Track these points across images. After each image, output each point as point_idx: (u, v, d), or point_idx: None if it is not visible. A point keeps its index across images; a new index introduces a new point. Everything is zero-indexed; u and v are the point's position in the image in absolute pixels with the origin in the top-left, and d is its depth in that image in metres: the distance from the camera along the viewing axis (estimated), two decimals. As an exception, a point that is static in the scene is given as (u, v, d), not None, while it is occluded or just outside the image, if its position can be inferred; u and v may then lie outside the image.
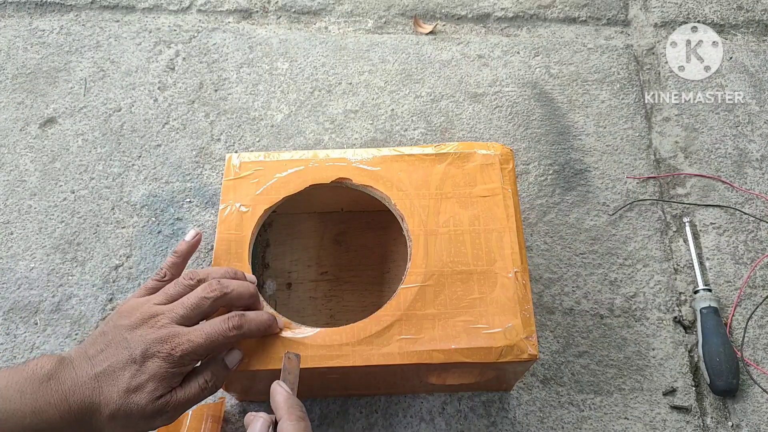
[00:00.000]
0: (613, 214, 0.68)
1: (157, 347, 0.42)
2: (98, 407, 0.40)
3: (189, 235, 0.50)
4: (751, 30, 0.81)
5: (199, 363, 0.45)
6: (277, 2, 0.83)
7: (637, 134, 0.73)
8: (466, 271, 0.50)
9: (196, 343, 0.42)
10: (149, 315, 0.44)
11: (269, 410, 0.58)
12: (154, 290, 0.47)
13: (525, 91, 0.76)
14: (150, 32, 0.81)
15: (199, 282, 0.46)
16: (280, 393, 0.42)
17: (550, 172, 0.71)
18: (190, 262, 0.65)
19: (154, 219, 0.68)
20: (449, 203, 0.53)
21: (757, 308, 0.63)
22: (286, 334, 0.47)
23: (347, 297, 0.62)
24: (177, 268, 0.49)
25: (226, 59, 0.79)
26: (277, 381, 0.42)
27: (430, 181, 0.54)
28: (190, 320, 0.44)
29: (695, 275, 0.64)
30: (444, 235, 0.51)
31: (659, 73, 0.78)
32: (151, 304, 0.45)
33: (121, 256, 0.66)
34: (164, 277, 0.48)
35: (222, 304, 0.45)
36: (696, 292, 0.63)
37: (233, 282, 0.46)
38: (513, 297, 0.48)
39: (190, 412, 0.55)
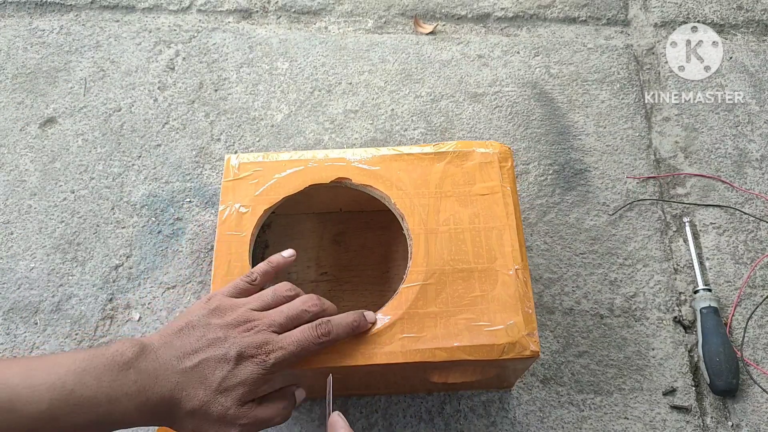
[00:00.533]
0: (613, 214, 0.68)
1: (252, 351, 0.42)
2: (179, 402, 0.40)
3: (286, 253, 0.51)
4: (751, 30, 0.81)
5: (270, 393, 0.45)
6: (276, 2, 0.83)
7: (637, 134, 0.73)
8: (467, 269, 0.50)
9: (288, 351, 0.43)
10: (246, 319, 0.44)
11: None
12: (244, 292, 0.47)
13: (525, 91, 0.76)
14: (150, 32, 0.81)
15: (297, 295, 0.47)
16: (342, 427, 0.41)
17: (550, 172, 0.71)
18: (190, 261, 0.65)
19: (154, 219, 0.68)
20: (449, 202, 0.53)
21: (757, 308, 0.63)
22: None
23: (347, 297, 0.62)
24: (267, 276, 0.49)
25: (226, 59, 0.79)
26: (336, 412, 0.42)
27: (429, 180, 0.54)
28: (284, 329, 0.44)
29: (695, 275, 0.64)
30: (444, 233, 0.51)
31: (659, 73, 0.78)
32: (248, 309, 0.45)
33: (121, 256, 0.66)
34: (255, 280, 0.48)
35: (321, 334, 0.45)
36: (696, 292, 0.63)
37: (327, 302, 0.48)
38: (514, 294, 0.48)
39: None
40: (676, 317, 0.63)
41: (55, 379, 0.38)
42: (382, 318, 0.47)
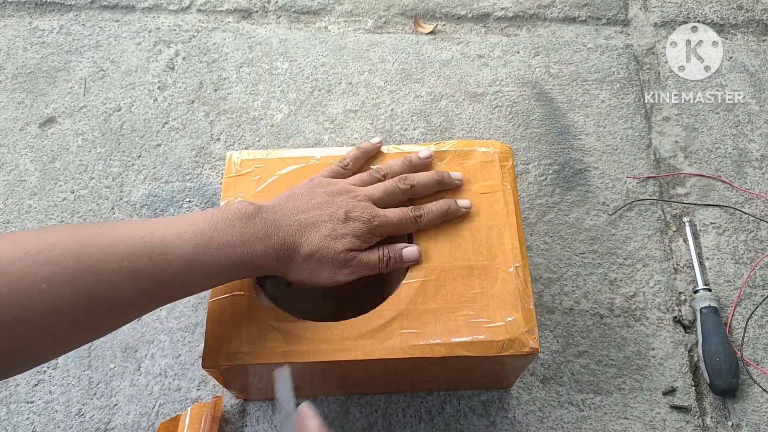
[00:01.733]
0: (612, 214, 0.68)
1: (358, 212, 0.48)
2: (299, 246, 0.46)
3: (375, 140, 0.55)
4: (751, 30, 0.81)
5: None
6: (276, 2, 0.83)
7: (637, 134, 0.73)
8: (467, 266, 0.50)
9: (389, 219, 0.49)
10: (347, 190, 0.50)
11: (267, 410, 0.58)
12: (338, 175, 0.53)
13: (525, 90, 0.76)
14: (150, 32, 0.81)
15: (385, 176, 0.53)
16: (314, 423, 0.39)
17: (550, 171, 0.71)
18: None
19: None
20: None
21: (757, 308, 0.63)
22: (286, 328, 0.47)
23: (347, 295, 0.62)
24: (358, 162, 0.54)
25: (226, 59, 0.79)
26: (305, 403, 0.42)
27: None
28: (382, 203, 0.50)
29: (695, 275, 0.64)
30: (445, 231, 0.51)
31: (659, 73, 0.78)
32: (348, 183, 0.51)
33: (120, 256, 0.66)
34: (347, 165, 0.53)
35: (410, 195, 0.52)
36: (696, 291, 0.63)
37: (418, 175, 0.53)
38: (514, 291, 0.48)
39: (189, 411, 0.55)
40: (676, 317, 0.63)
41: (195, 227, 0.43)
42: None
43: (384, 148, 0.56)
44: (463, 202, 0.52)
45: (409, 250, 0.50)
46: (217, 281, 0.45)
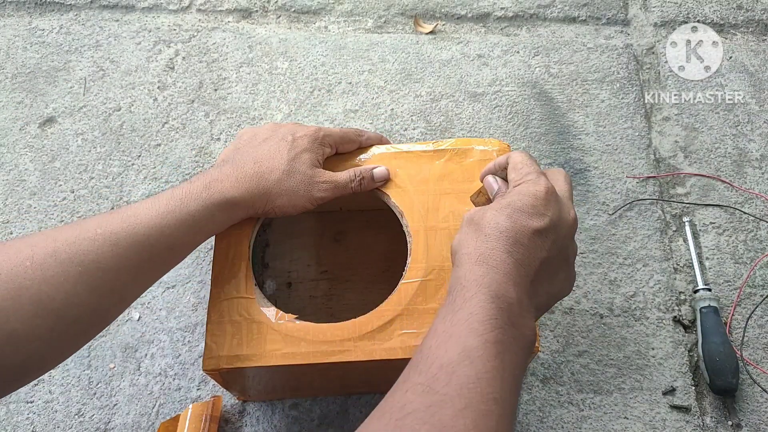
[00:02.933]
0: (612, 214, 0.68)
1: (302, 131, 0.53)
2: (263, 175, 0.49)
3: (380, 171, 0.55)
4: (750, 29, 0.81)
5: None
6: (276, 2, 0.83)
7: (637, 134, 0.73)
8: None
9: (332, 131, 0.54)
10: (295, 124, 0.55)
11: (266, 410, 0.58)
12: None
13: (525, 90, 0.76)
14: (150, 32, 0.81)
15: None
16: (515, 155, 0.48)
17: (550, 171, 0.71)
18: (189, 261, 0.65)
19: (153, 218, 0.68)
20: (448, 199, 0.53)
21: (756, 308, 0.63)
22: (286, 329, 0.47)
23: (347, 295, 0.62)
24: (335, 140, 0.56)
25: (226, 59, 0.79)
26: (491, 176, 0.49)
27: (428, 177, 0.54)
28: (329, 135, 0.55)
29: (695, 275, 0.64)
30: (443, 230, 0.51)
31: (659, 73, 0.78)
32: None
33: (120, 256, 0.66)
34: (361, 135, 0.58)
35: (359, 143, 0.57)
36: (696, 291, 0.63)
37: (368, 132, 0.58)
38: None
39: (189, 411, 0.55)
40: (675, 317, 0.63)
41: (164, 192, 0.46)
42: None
43: (383, 148, 0.56)
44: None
45: (380, 170, 0.54)
46: (196, 231, 0.47)
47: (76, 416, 0.58)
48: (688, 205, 0.69)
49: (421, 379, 0.35)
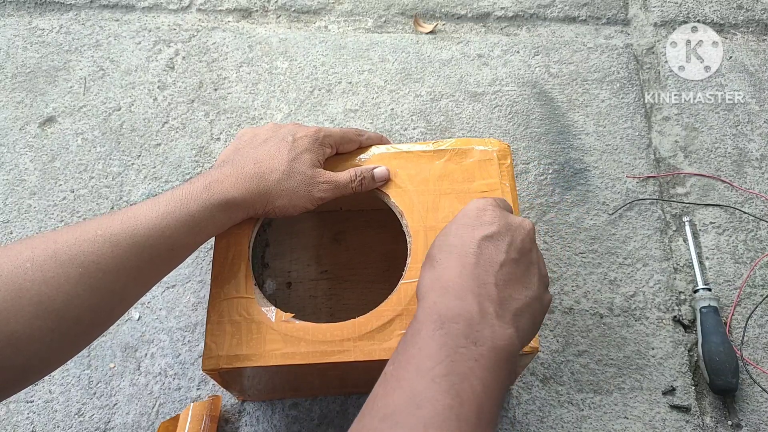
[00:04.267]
0: (612, 214, 0.68)
1: (303, 131, 0.53)
2: (263, 175, 0.49)
3: (380, 171, 0.54)
4: (750, 29, 0.81)
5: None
6: (276, 1, 0.83)
7: (637, 133, 0.73)
8: None
9: (332, 131, 0.55)
10: (295, 124, 0.55)
11: (266, 410, 0.59)
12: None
13: (525, 90, 0.76)
14: (149, 31, 0.81)
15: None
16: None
17: (550, 171, 0.71)
18: (189, 261, 0.65)
19: (153, 218, 0.68)
20: (448, 199, 0.53)
21: (756, 307, 0.63)
22: (286, 329, 0.47)
23: (347, 295, 0.62)
24: (336, 140, 0.56)
25: (226, 58, 0.79)
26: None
27: (428, 177, 0.54)
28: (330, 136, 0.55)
29: (695, 274, 0.64)
30: None
31: (659, 73, 0.78)
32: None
33: (120, 255, 0.66)
34: (362, 134, 0.58)
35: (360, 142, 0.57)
36: (696, 291, 0.63)
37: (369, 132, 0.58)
38: None
39: (190, 411, 0.55)
40: (675, 316, 0.63)
41: (164, 193, 0.46)
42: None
43: (383, 148, 0.56)
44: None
45: (380, 170, 0.54)
46: (197, 231, 0.46)
47: (76, 416, 0.58)
48: (688, 205, 0.69)
49: None
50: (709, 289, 0.63)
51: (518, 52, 0.79)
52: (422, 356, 0.34)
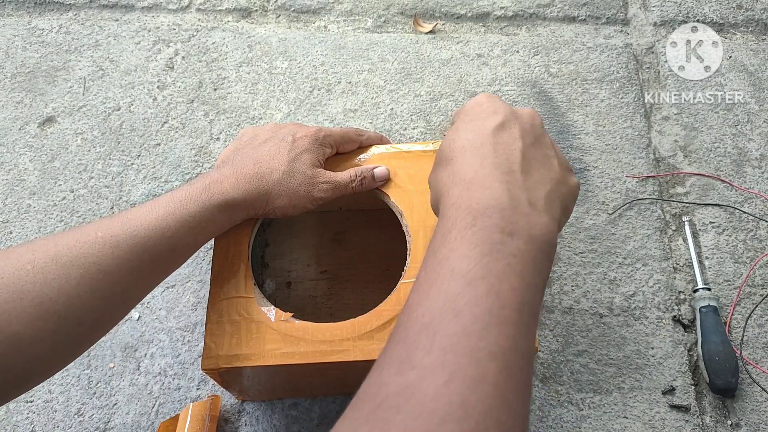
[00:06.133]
0: (612, 213, 0.68)
1: (303, 131, 0.53)
2: (264, 175, 0.49)
3: (380, 171, 0.54)
4: (750, 29, 0.81)
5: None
6: (276, 1, 0.83)
7: (637, 133, 0.73)
8: None
9: (333, 131, 0.54)
10: (296, 124, 0.55)
11: (266, 410, 0.58)
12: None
13: (524, 90, 0.76)
14: (149, 31, 0.81)
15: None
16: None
17: (550, 171, 0.71)
18: (189, 261, 0.65)
19: (153, 218, 0.68)
20: None
21: (756, 307, 0.63)
22: (285, 329, 0.47)
23: (347, 295, 0.62)
24: (336, 140, 0.55)
25: (226, 58, 0.79)
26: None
27: (428, 177, 0.54)
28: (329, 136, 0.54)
29: (694, 274, 0.64)
30: None
31: (659, 72, 0.78)
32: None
33: (120, 255, 0.66)
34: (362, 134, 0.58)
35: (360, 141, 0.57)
36: (695, 291, 0.63)
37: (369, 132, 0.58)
38: None
39: (190, 411, 0.55)
40: (675, 316, 0.63)
41: (164, 195, 0.46)
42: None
43: (383, 148, 0.56)
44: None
45: (380, 169, 0.53)
46: (197, 232, 0.47)
47: (76, 416, 0.58)
48: (687, 205, 0.69)
49: (399, 351, 0.30)
50: (709, 289, 0.63)
51: (518, 51, 0.79)
52: (455, 258, 0.31)
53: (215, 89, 0.76)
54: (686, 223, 0.67)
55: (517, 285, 0.30)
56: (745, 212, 0.68)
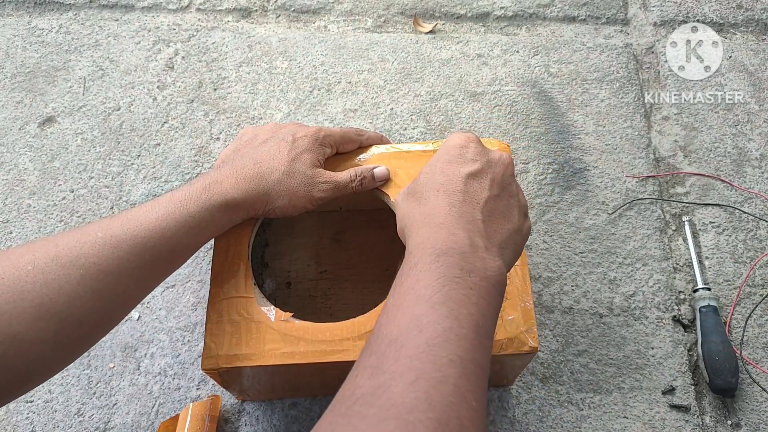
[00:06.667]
0: (612, 213, 0.68)
1: (303, 131, 0.53)
2: (263, 175, 0.49)
3: (380, 171, 0.54)
4: (750, 29, 0.81)
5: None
6: (276, 1, 0.83)
7: (637, 133, 0.73)
8: None
9: (333, 130, 0.54)
10: (295, 124, 0.55)
11: (266, 410, 0.58)
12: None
13: (524, 90, 0.76)
14: (149, 31, 0.81)
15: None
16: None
17: (550, 171, 0.71)
18: (189, 261, 0.65)
19: (153, 218, 0.68)
20: None
21: (756, 307, 0.63)
22: (285, 329, 0.47)
23: (347, 295, 0.62)
24: (336, 140, 0.55)
25: (225, 58, 0.79)
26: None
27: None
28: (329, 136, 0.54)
29: (694, 274, 0.64)
30: None
31: (659, 72, 0.78)
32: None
33: (120, 255, 0.66)
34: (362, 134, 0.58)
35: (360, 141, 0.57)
36: (695, 291, 0.63)
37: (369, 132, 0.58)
38: (512, 290, 0.48)
39: (190, 411, 0.55)
40: (675, 316, 0.63)
41: (163, 195, 0.47)
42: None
43: (383, 147, 0.56)
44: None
45: (380, 169, 0.54)
46: (197, 232, 0.47)
47: (76, 416, 0.58)
48: (687, 205, 0.69)
49: (371, 361, 0.33)
50: (709, 289, 0.63)
51: (518, 51, 0.79)
52: (420, 286, 0.36)
53: (215, 89, 0.76)
54: (686, 223, 0.67)
55: (473, 311, 0.35)
56: (745, 212, 0.68)
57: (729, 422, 0.58)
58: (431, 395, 0.30)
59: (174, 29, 0.81)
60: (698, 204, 0.69)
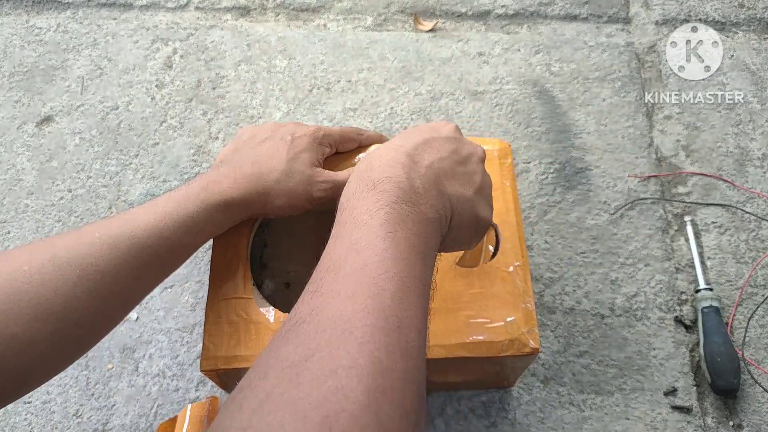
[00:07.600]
0: (614, 213, 0.68)
1: (302, 130, 0.52)
2: (263, 175, 0.49)
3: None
4: (752, 28, 0.80)
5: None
6: (275, -1, 0.83)
7: (639, 132, 0.73)
8: None
9: (332, 130, 0.54)
10: (295, 123, 0.55)
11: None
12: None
13: (525, 88, 0.76)
14: (147, 30, 0.80)
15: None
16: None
17: (551, 170, 0.70)
18: (188, 261, 0.65)
19: (151, 218, 0.68)
20: None
21: (758, 307, 0.62)
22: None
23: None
24: (335, 139, 0.55)
25: (224, 57, 0.78)
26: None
27: None
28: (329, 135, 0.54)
29: (696, 274, 0.64)
30: None
31: (660, 71, 0.77)
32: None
33: (118, 255, 0.65)
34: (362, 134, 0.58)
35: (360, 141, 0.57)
36: (697, 291, 0.63)
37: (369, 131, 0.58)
38: (514, 291, 0.48)
39: (188, 412, 0.55)
40: (677, 317, 0.62)
41: (161, 196, 0.46)
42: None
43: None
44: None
45: None
46: (195, 232, 0.46)
47: (74, 417, 0.58)
48: (689, 205, 0.68)
49: (310, 288, 0.33)
50: (711, 289, 0.62)
51: (519, 50, 0.79)
52: (358, 212, 0.35)
53: (214, 88, 0.76)
54: (688, 223, 0.67)
55: (410, 235, 0.35)
56: (747, 212, 0.68)
57: (731, 423, 0.58)
58: (368, 305, 0.30)
59: (172, 28, 0.80)
60: (700, 204, 0.68)
